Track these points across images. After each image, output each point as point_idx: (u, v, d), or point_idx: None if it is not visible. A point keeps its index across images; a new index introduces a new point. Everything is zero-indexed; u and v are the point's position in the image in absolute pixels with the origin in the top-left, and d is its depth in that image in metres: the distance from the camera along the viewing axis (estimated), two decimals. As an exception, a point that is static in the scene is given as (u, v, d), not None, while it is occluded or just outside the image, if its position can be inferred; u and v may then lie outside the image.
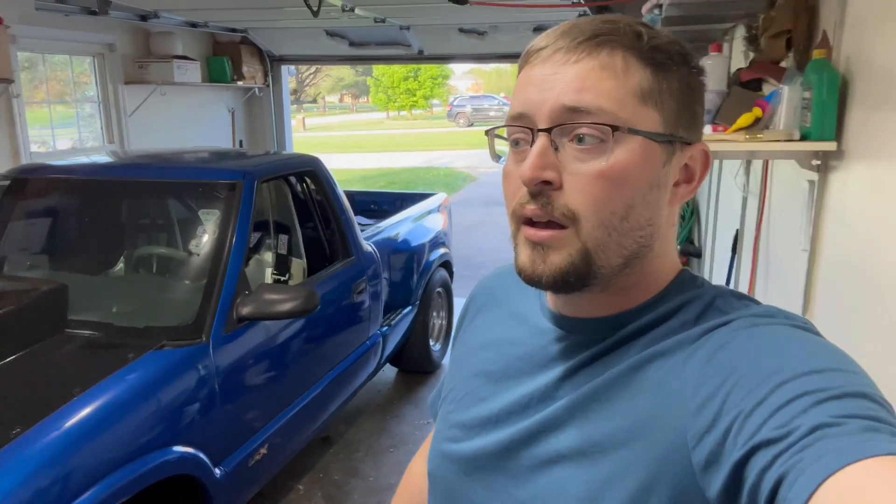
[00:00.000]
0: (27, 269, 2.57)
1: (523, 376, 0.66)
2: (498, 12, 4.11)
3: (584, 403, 0.60)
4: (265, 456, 2.37)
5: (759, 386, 0.48)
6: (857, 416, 0.43)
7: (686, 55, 0.61)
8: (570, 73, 0.57)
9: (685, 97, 0.60)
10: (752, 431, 0.46)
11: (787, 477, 0.41)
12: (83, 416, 1.72)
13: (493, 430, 0.66)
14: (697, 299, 0.61)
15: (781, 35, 1.97)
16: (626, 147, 0.57)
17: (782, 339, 0.53)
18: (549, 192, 0.57)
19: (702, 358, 0.54)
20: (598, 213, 0.57)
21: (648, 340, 0.59)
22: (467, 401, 0.71)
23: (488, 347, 0.73)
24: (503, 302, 0.76)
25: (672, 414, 0.54)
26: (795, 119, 1.71)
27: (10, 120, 3.74)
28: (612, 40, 0.58)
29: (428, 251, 4.05)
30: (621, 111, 0.56)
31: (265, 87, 5.90)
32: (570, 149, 0.57)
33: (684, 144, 0.61)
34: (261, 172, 2.66)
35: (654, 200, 0.59)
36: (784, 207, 2.22)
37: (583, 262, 0.58)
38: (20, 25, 3.70)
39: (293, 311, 2.25)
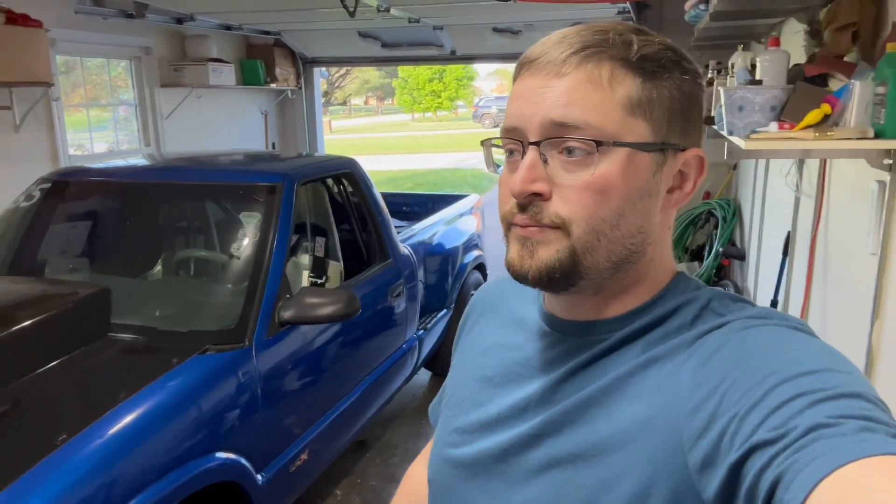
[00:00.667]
0: (68, 272, 2.56)
1: (521, 380, 0.67)
2: (533, 10, 4.05)
3: (583, 408, 0.60)
4: (306, 461, 2.33)
5: (754, 388, 0.48)
6: (852, 417, 0.43)
7: (679, 61, 0.61)
8: (559, 87, 0.58)
9: (678, 104, 0.61)
10: (748, 433, 0.46)
11: (783, 478, 0.42)
12: (128, 423, 1.69)
13: (492, 434, 0.67)
14: (693, 302, 0.61)
15: (847, 28, 1.88)
16: (612, 159, 0.58)
17: (777, 341, 0.53)
18: (538, 203, 0.59)
19: (698, 361, 0.55)
20: (587, 221, 0.58)
21: (645, 343, 0.60)
22: (467, 406, 0.72)
23: (488, 353, 0.74)
24: (503, 308, 0.77)
25: (668, 416, 0.54)
26: (867, 116, 1.62)
27: (49, 123, 3.77)
28: (600, 52, 0.58)
29: (462, 253, 4.00)
30: (608, 124, 0.57)
31: (297, 90, 5.90)
32: (558, 160, 0.59)
33: (677, 151, 0.61)
34: (300, 174, 2.63)
35: (645, 209, 0.60)
36: (846, 209, 2.12)
37: (569, 260, 0.59)
38: (59, 29, 3.73)
39: (334, 314, 2.21)
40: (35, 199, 2.68)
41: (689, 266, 4.58)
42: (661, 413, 0.55)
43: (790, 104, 1.69)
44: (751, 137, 1.65)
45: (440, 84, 33.29)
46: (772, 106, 1.68)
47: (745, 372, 0.50)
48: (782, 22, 3.02)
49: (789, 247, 2.79)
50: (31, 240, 2.62)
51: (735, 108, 1.72)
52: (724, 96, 1.79)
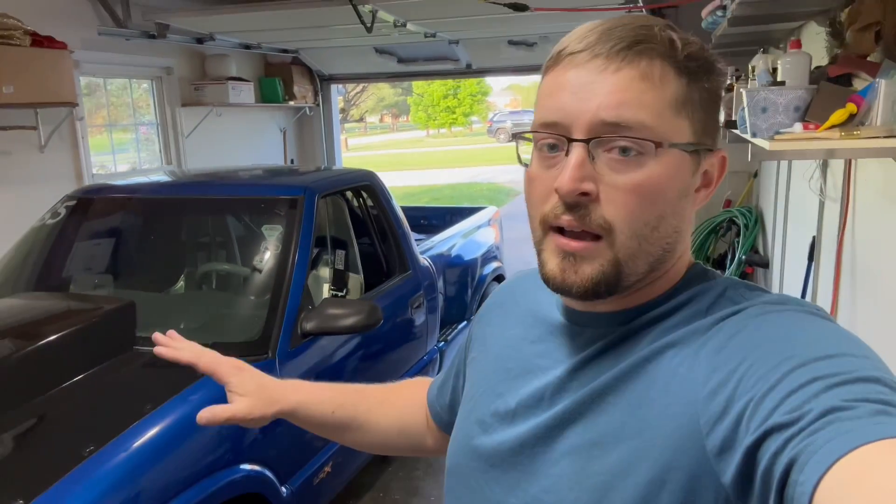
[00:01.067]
0: (93, 288, 2.59)
1: (539, 371, 0.67)
2: (549, 22, 4.06)
3: (599, 396, 0.60)
4: (329, 474, 2.32)
5: (770, 371, 0.48)
6: (868, 400, 0.43)
7: (713, 63, 0.61)
8: (609, 84, 0.56)
9: (710, 106, 0.61)
10: (764, 416, 0.46)
11: (798, 460, 0.42)
12: (154, 435, 1.70)
13: (510, 425, 0.67)
14: (709, 290, 0.61)
15: (870, 28, 1.86)
16: (664, 160, 0.57)
17: (794, 326, 0.53)
18: (585, 203, 0.57)
19: (714, 346, 0.55)
20: (632, 225, 0.57)
21: (660, 331, 0.60)
22: (486, 397, 0.72)
23: (508, 345, 0.74)
24: (522, 303, 0.77)
25: (685, 402, 0.54)
26: (894, 114, 1.60)
27: (74, 143, 3.84)
28: (651, 48, 0.57)
29: (481, 265, 3.99)
30: (660, 124, 0.56)
31: (315, 107, 5.96)
32: (606, 159, 0.57)
33: (708, 152, 0.61)
34: (321, 187, 2.65)
35: (682, 209, 0.60)
36: (874, 211, 2.09)
37: (613, 272, 0.59)
38: (83, 51, 3.80)
39: (356, 325, 2.21)
40: (60, 216, 2.72)
41: (711, 275, 4.52)
42: (677, 398, 0.55)
43: (814, 104, 1.67)
44: (775, 138, 1.63)
45: (455, 100, 33.48)
46: (796, 106, 1.67)
47: (761, 356, 0.50)
48: (801, 26, 3.00)
49: (815, 252, 2.75)
50: (58, 256, 2.66)
51: (758, 109, 1.71)
52: (746, 98, 1.77)
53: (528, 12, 3.02)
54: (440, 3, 3.15)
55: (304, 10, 3.59)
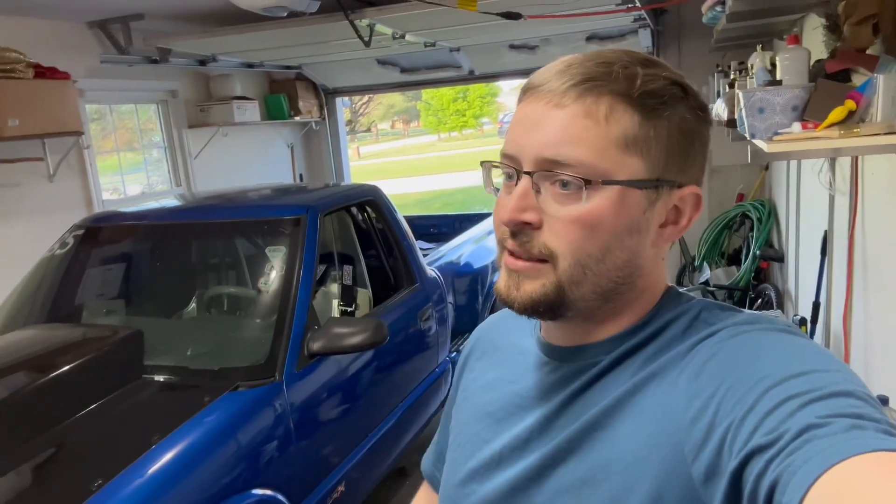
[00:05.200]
0: (104, 315, 2.62)
1: (522, 412, 0.67)
2: (549, 25, 4.04)
3: (586, 433, 0.60)
4: (343, 493, 2.32)
5: (747, 393, 0.49)
6: (842, 415, 0.44)
7: (685, 97, 0.60)
8: (554, 121, 0.58)
9: (676, 141, 0.60)
10: (744, 440, 0.47)
11: (780, 481, 0.42)
12: (163, 465, 1.70)
13: (498, 471, 0.67)
14: (683, 315, 0.62)
15: (867, 21, 1.82)
16: (603, 195, 0.58)
17: (766, 345, 0.54)
18: (528, 232, 0.60)
19: (692, 372, 0.56)
20: (574, 254, 0.59)
21: (641, 361, 0.60)
22: (473, 445, 0.72)
23: (489, 389, 0.74)
24: (502, 344, 0.77)
25: (669, 431, 0.54)
26: (894, 109, 1.56)
27: (82, 170, 3.88)
28: (601, 85, 0.58)
29: (491, 272, 3.97)
30: (601, 161, 0.57)
31: (321, 121, 5.99)
32: (551, 191, 0.59)
33: (673, 188, 0.61)
34: (323, 205, 2.65)
35: (633, 244, 0.60)
36: (882, 204, 2.04)
37: (555, 293, 0.60)
38: (87, 80, 3.85)
39: (363, 343, 2.20)
40: (69, 245, 2.75)
41: (727, 271, 4.47)
42: (661, 428, 0.55)
43: (812, 103, 1.64)
44: (773, 140, 1.61)
45: (464, 103, 33.46)
46: (793, 106, 1.63)
47: (737, 379, 0.51)
48: (803, 18, 2.96)
49: (827, 246, 2.70)
50: (68, 286, 2.68)
51: (755, 110, 1.68)
52: (742, 99, 1.75)
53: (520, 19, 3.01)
54: (436, 14, 3.15)
55: (304, 27, 3.60)
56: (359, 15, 3.31)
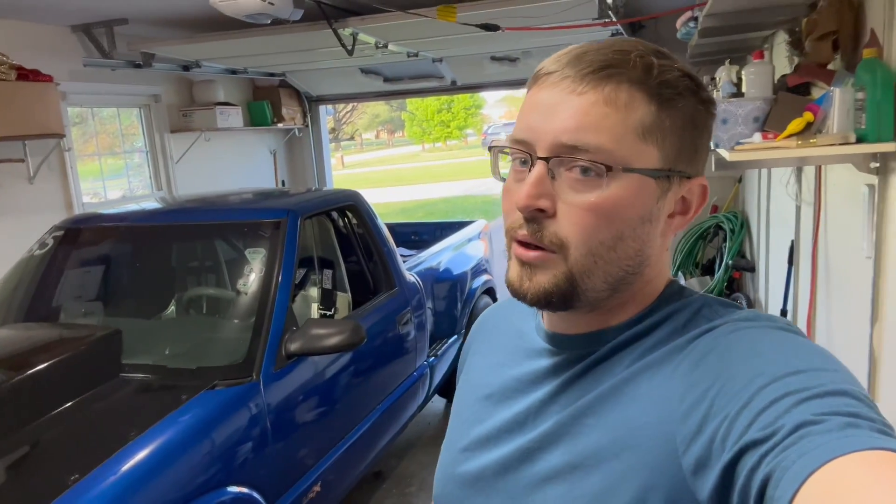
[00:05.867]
0: (82, 316, 2.63)
1: (519, 395, 0.68)
2: (529, 38, 4.12)
3: (578, 418, 0.61)
4: (319, 493, 2.34)
5: (743, 389, 0.49)
6: (837, 413, 0.44)
7: (696, 89, 0.61)
8: (573, 107, 0.58)
9: (688, 133, 0.60)
10: (738, 434, 0.47)
11: (772, 476, 0.43)
12: (139, 461, 1.72)
13: (492, 449, 0.67)
14: (684, 309, 0.62)
15: (827, 37, 1.91)
16: (621, 183, 0.58)
17: (765, 342, 0.54)
18: (541, 219, 0.59)
19: (689, 365, 0.56)
20: (586, 243, 0.59)
21: (639, 351, 0.61)
22: (468, 424, 0.73)
23: (489, 372, 0.75)
24: (503, 328, 0.78)
25: (662, 422, 0.55)
26: (849, 121, 1.64)
27: (62, 173, 3.88)
28: (619, 73, 0.58)
29: (471, 279, 4.02)
30: (619, 148, 0.57)
31: (304, 128, 6.02)
32: (567, 178, 0.58)
33: (683, 178, 0.62)
34: (304, 209, 2.68)
35: (645, 234, 0.61)
36: (842, 214, 2.13)
37: (567, 284, 0.60)
38: (70, 83, 3.86)
39: (340, 344, 2.24)
40: (48, 246, 2.76)
41: (701, 280, 4.56)
42: (654, 418, 0.56)
43: (773, 114, 1.71)
44: (735, 149, 1.68)
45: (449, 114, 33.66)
46: (755, 117, 1.71)
47: (733, 374, 0.51)
48: (773, 34, 3.06)
49: (794, 256, 2.78)
50: (46, 286, 2.69)
51: (719, 121, 1.76)
52: (708, 110, 1.82)
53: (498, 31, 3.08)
54: (417, 24, 3.21)
55: (287, 35, 3.64)
56: (342, 24, 3.36)
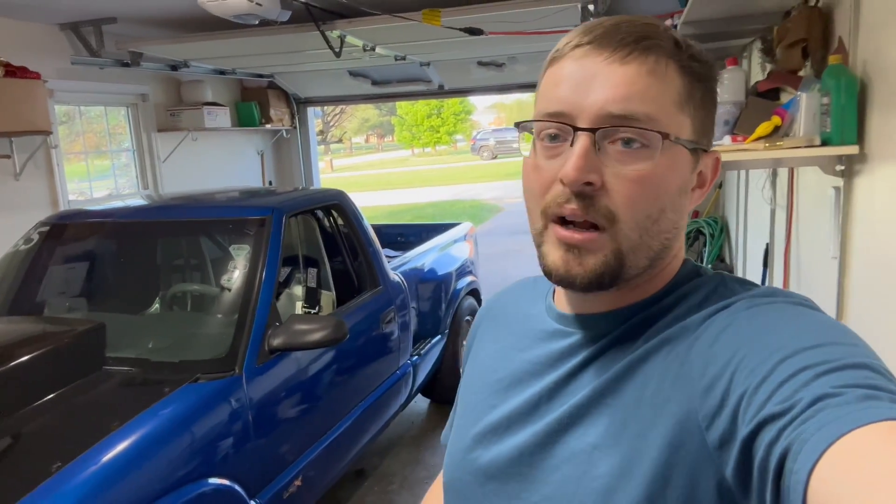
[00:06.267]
0: (67, 311, 2.64)
1: (532, 378, 0.67)
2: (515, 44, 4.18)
3: (597, 399, 0.60)
4: (300, 488, 2.37)
5: (762, 363, 0.49)
6: (857, 386, 0.44)
7: (712, 66, 0.62)
8: (617, 76, 0.56)
9: (709, 107, 0.62)
10: (757, 407, 0.47)
11: (791, 448, 0.42)
12: (121, 450, 1.75)
13: (506, 436, 0.66)
14: (701, 287, 0.62)
15: (797, 44, 1.97)
16: (668, 154, 0.57)
17: (783, 317, 0.54)
18: (590, 193, 0.57)
19: (706, 341, 0.55)
20: (635, 216, 0.58)
21: (655, 330, 0.60)
22: (479, 410, 0.71)
23: (498, 357, 0.73)
24: (510, 313, 0.77)
25: (681, 398, 0.54)
26: (815, 125, 1.71)
27: (49, 170, 3.89)
28: (658, 45, 0.58)
29: (455, 279, 4.06)
30: (665, 118, 0.57)
31: (292, 129, 6.05)
32: (612, 150, 0.57)
33: (704, 152, 0.62)
34: (288, 207, 2.72)
35: (681, 205, 0.61)
36: (812, 216, 2.19)
37: (617, 263, 0.59)
38: (57, 80, 3.87)
39: (323, 340, 2.27)
40: (34, 241, 2.77)
41: (682, 284, 4.63)
42: (673, 395, 0.55)
43: (743, 118, 1.77)
44: (706, 151, 1.73)
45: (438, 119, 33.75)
46: (725, 120, 1.77)
47: (752, 349, 0.51)
48: (752, 43, 3.14)
49: (768, 258, 2.85)
50: (31, 281, 2.71)
51: (692, 124, 1.81)
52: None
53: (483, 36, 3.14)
54: (404, 28, 3.26)
55: (276, 36, 3.67)
56: (330, 26, 3.41)
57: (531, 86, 5.58)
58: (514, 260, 8.40)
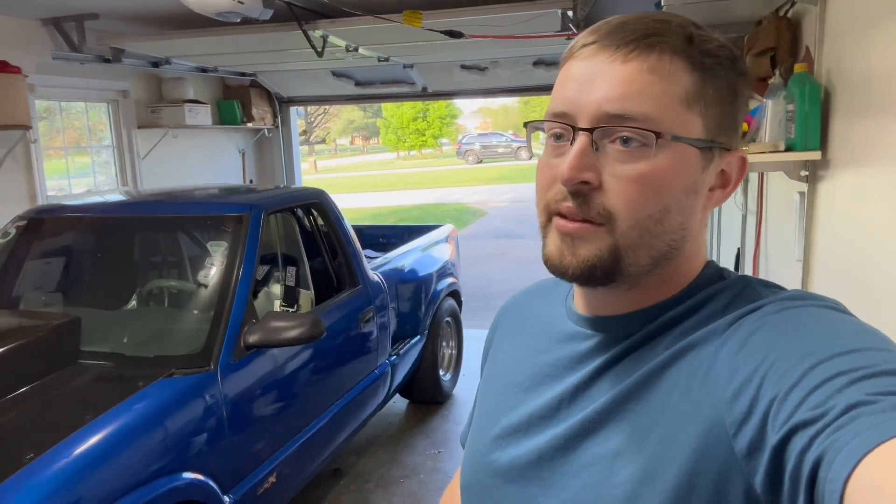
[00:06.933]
0: (43, 305, 2.63)
1: (552, 381, 0.66)
2: (497, 48, 4.23)
3: (620, 404, 0.59)
4: (274, 485, 2.38)
5: (792, 369, 0.48)
6: (893, 393, 0.42)
7: (735, 59, 0.59)
8: (616, 75, 0.56)
9: (728, 103, 0.59)
10: (788, 414, 0.45)
11: (825, 457, 0.41)
12: (93, 443, 1.75)
13: (525, 439, 0.65)
14: (725, 290, 0.60)
15: (766, 53, 2.03)
16: (668, 153, 0.56)
17: (813, 321, 0.52)
18: (586, 192, 0.57)
19: (733, 346, 0.54)
20: (634, 215, 0.57)
21: (678, 334, 0.59)
22: (498, 412, 0.70)
23: (517, 359, 0.73)
24: (530, 315, 0.76)
25: (708, 404, 0.53)
26: (781, 131, 1.76)
27: (27, 165, 3.87)
28: (663, 41, 0.57)
29: (436, 281, 4.08)
30: (665, 117, 0.56)
31: (274, 129, 6.05)
32: (611, 149, 0.57)
33: (723, 150, 0.60)
34: (267, 205, 2.73)
35: (689, 206, 0.59)
36: (779, 220, 2.25)
37: (611, 257, 0.58)
38: (37, 75, 3.85)
39: (299, 337, 2.28)
40: (10, 236, 2.76)
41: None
42: (699, 401, 0.54)
43: (712, 123, 1.82)
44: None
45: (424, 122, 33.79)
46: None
47: (782, 354, 0.49)
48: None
49: (739, 263, 2.91)
50: (7, 276, 2.69)
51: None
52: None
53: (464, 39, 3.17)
54: (386, 29, 3.28)
55: (258, 34, 3.68)
56: (312, 25, 3.42)
57: (515, 90, 5.64)
58: (497, 263, 8.45)
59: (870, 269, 1.44)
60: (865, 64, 1.48)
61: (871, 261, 1.42)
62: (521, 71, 5.09)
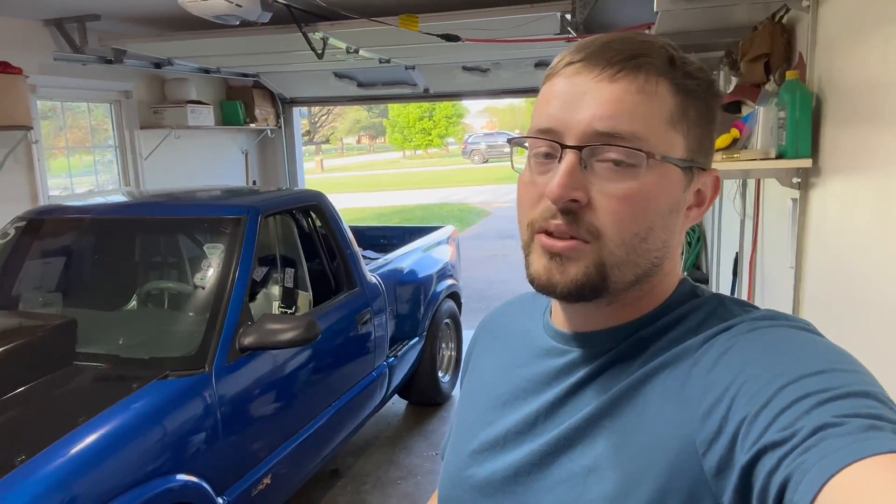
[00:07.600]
0: (41, 306, 2.65)
1: (529, 396, 0.66)
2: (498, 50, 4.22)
3: (596, 420, 0.59)
4: (269, 486, 2.39)
5: (762, 389, 0.48)
6: (858, 415, 0.43)
7: (711, 82, 0.61)
8: (605, 94, 0.57)
9: (707, 125, 0.61)
10: (757, 435, 0.46)
11: (791, 479, 0.42)
12: (87, 444, 1.76)
13: (501, 454, 0.66)
14: (699, 308, 0.61)
15: (760, 59, 2.02)
16: (655, 172, 0.57)
17: (784, 342, 0.53)
18: (575, 210, 0.58)
19: (705, 365, 0.55)
20: (621, 233, 0.58)
21: (653, 351, 0.60)
22: (476, 427, 0.71)
23: (495, 373, 0.73)
24: (509, 329, 0.77)
25: (679, 423, 0.54)
26: (772, 138, 1.75)
27: (29, 165, 3.89)
28: (649, 63, 0.57)
29: (435, 282, 4.08)
30: (653, 137, 0.57)
31: (277, 129, 6.07)
32: (599, 168, 0.57)
33: (700, 170, 0.61)
34: (265, 207, 2.74)
35: (671, 224, 0.60)
36: (774, 227, 2.24)
37: (598, 275, 0.58)
38: (39, 76, 3.88)
39: (294, 339, 2.29)
40: (10, 236, 2.78)
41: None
42: (672, 420, 0.54)
43: (704, 129, 1.82)
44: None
45: (430, 122, 33.80)
46: (686, 131, 1.81)
47: (753, 374, 0.50)
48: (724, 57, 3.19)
49: (737, 267, 2.90)
50: (6, 276, 2.71)
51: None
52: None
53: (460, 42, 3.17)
54: (385, 32, 3.29)
55: (260, 36, 3.70)
56: (312, 28, 3.43)
57: (518, 92, 5.63)
58: (500, 264, 8.45)
59: (859, 276, 1.44)
60: (853, 72, 1.48)
61: (861, 269, 1.42)
62: (523, 73, 5.10)
